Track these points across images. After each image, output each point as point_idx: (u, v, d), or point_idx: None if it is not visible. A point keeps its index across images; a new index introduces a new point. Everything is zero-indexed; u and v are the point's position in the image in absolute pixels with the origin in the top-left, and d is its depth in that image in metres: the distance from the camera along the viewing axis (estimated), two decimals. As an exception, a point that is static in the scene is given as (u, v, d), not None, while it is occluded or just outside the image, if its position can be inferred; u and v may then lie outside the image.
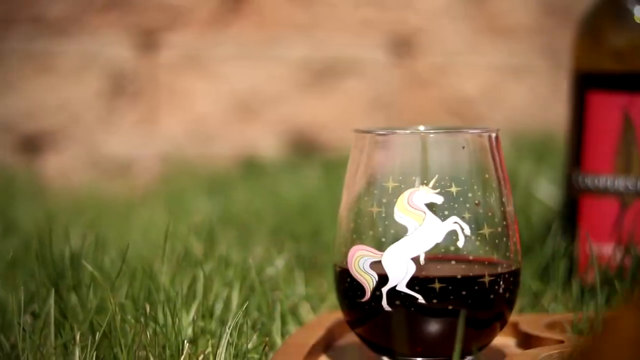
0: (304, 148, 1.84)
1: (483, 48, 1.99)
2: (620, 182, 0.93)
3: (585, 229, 0.93)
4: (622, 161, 0.93)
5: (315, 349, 0.73)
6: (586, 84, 0.95)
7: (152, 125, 1.81)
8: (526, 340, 0.76)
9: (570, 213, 0.96)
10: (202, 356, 0.71)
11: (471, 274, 0.67)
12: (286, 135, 1.87)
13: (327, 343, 0.76)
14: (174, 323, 0.69)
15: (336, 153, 1.75)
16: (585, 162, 0.94)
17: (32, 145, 1.75)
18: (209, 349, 0.72)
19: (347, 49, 1.90)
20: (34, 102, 1.76)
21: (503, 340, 0.77)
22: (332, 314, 0.80)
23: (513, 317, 0.80)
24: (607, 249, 0.92)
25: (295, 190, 1.45)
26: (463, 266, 0.67)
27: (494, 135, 0.71)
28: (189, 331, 0.75)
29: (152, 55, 1.81)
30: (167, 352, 0.68)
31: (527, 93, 2.00)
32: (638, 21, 0.95)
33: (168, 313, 0.71)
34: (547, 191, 1.24)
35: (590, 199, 0.94)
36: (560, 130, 1.16)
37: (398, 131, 0.70)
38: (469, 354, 0.69)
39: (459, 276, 0.67)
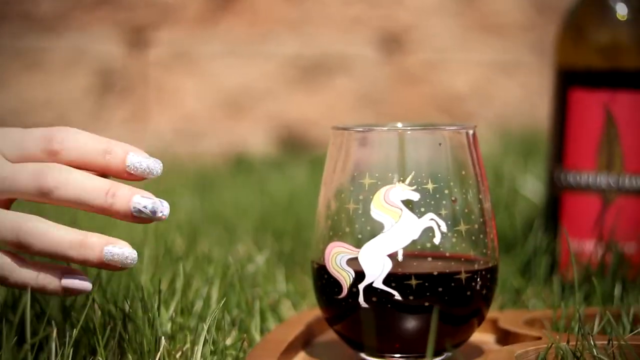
0: (293, 145, 1.85)
1: (473, 45, 1.99)
2: (602, 179, 0.93)
3: (567, 226, 0.93)
4: (604, 158, 0.93)
5: (293, 346, 0.73)
6: (568, 80, 0.95)
7: (141, 122, 1.81)
8: (505, 337, 0.76)
9: (552, 210, 0.96)
10: (180, 353, 0.71)
11: (447, 271, 0.67)
12: (275, 132, 1.87)
13: (306, 340, 0.76)
14: (151, 319, 0.69)
15: (325, 150, 1.74)
16: (568, 159, 0.95)
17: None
18: (187, 345, 0.72)
19: (337, 46, 1.90)
20: (22, 99, 1.76)
21: (482, 337, 0.77)
22: (312, 310, 0.80)
23: (493, 314, 0.80)
24: (589, 246, 0.92)
25: (282, 187, 1.45)
26: (439, 263, 0.68)
27: (471, 132, 0.71)
28: (168, 327, 0.75)
29: (142, 53, 1.81)
30: (145, 347, 0.68)
31: (517, 90, 2.00)
32: (620, 18, 0.95)
33: (147, 309, 0.71)
34: (533, 188, 1.24)
35: (573, 196, 0.94)
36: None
37: (375, 128, 0.71)
38: (447, 350, 0.69)
39: (435, 273, 0.67)
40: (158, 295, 0.73)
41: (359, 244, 0.68)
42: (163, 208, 0.64)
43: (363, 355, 0.70)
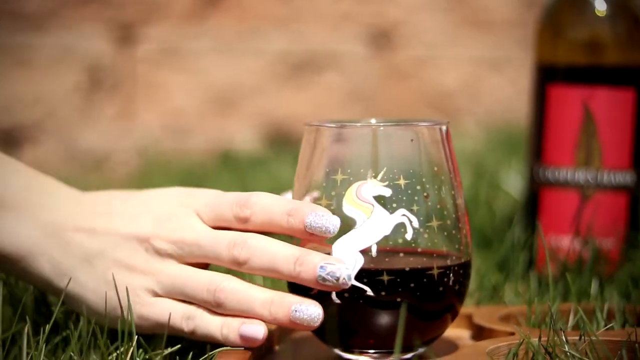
0: (281, 141, 1.85)
1: (463, 41, 1.99)
2: (581, 175, 0.93)
3: (546, 222, 0.93)
4: (582, 154, 0.93)
5: (268, 341, 0.73)
6: (547, 76, 0.95)
7: (129, 119, 1.81)
8: (480, 333, 0.76)
9: (531, 206, 0.96)
10: (153, 346, 0.71)
11: (419, 267, 0.67)
12: (263, 129, 1.87)
13: (280, 336, 0.76)
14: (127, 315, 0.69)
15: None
16: (546, 154, 0.95)
17: (10, 138, 1.75)
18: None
19: (326, 42, 1.90)
20: (11, 96, 1.76)
21: (457, 332, 0.78)
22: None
23: (468, 309, 0.80)
24: (567, 242, 0.92)
25: (269, 184, 1.45)
26: (412, 259, 0.68)
27: (444, 128, 0.71)
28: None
29: (130, 49, 1.81)
30: (118, 343, 0.68)
31: (507, 86, 2.00)
32: (599, 14, 0.95)
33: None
34: (515, 184, 1.24)
35: (551, 192, 0.94)
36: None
37: (348, 124, 0.71)
38: (420, 345, 0.69)
39: (407, 269, 0.67)
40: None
41: (331, 240, 0.68)
42: (344, 274, 0.66)
43: (337, 351, 0.71)
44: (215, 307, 0.68)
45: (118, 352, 0.67)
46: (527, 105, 0.97)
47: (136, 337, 0.68)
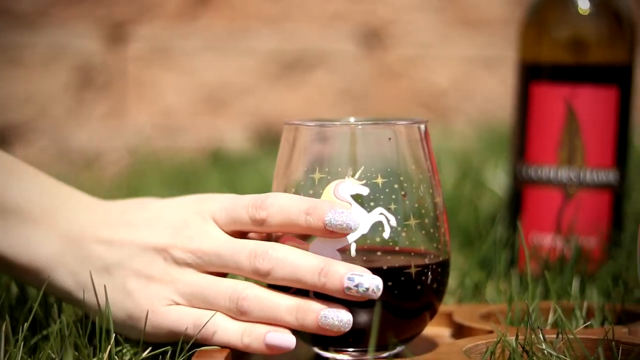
0: (272, 140, 1.85)
1: (454, 40, 1.99)
2: (564, 173, 0.94)
3: (529, 220, 0.94)
4: (565, 152, 0.94)
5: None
6: (531, 75, 0.96)
7: (120, 117, 1.81)
8: (459, 331, 0.76)
9: (514, 204, 0.96)
10: (129, 344, 0.71)
11: (397, 265, 0.68)
12: (254, 128, 1.87)
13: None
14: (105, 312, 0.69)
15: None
16: (529, 153, 0.95)
17: (1, 137, 1.75)
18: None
19: (317, 41, 1.90)
20: (1, 95, 1.76)
21: (438, 331, 0.78)
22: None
23: (449, 307, 0.81)
24: (550, 240, 0.92)
25: (259, 183, 1.45)
26: (389, 257, 0.68)
27: (422, 126, 0.71)
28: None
29: (121, 48, 1.82)
30: (96, 341, 0.68)
31: (499, 85, 2.00)
32: (582, 13, 0.95)
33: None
34: (502, 182, 1.24)
35: (534, 190, 0.94)
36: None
37: (326, 123, 0.71)
38: (397, 344, 0.69)
39: (384, 267, 0.67)
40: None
41: (308, 238, 0.68)
42: (374, 285, 0.65)
43: (316, 349, 0.71)
44: (239, 316, 0.67)
45: (99, 354, 0.67)
46: (516, 104, 0.97)
47: (114, 335, 0.68)
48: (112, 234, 0.70)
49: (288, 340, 0.67)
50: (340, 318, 0.66)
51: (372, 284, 0.65)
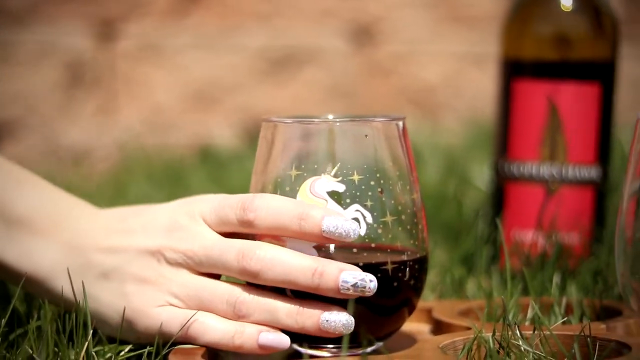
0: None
1: (444, 36, 1.99)
2: (546, 170, 0.94)
3: (511, 216, 0.94)
4: (547, 149, 0.94)
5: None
6: (513, 71, 0.96)
7: (109, 114, 1.81)
8: (439, 327, 0.76)
9: (497, 200, 0.96)
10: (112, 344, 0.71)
11: (373, 262, 0.68)
12: (244, 125, 1.87)
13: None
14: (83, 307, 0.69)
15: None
16: (512, 149, 0.95)
17: (-10, 135, 1.75)
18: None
19: (307, 38, 1.90)
20: (-9, 92, 1.76)
21: (417, 327, 0.78)
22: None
23: (429, 304, 0.81)
24: (532, 236, 0.92)
25: (248, 180, 1.45)
26: (365, 254, 0.68)
27: (400, 123, 0.71)
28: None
29: (111, 45, 1.81)
30: (74, 339, 0.68)
31: (489, 81, 2.00)
32: (565, 9, 0.95)
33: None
34: (486, 179, 1.24)
35: (516, 186, 0.95)
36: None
37: (304, 120, 0.71)
38: (377, 340, 0.69)
39: (360, 264, 0.67)
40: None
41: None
42: (370, 284, 0.65)
43: (295, 346, 0.71)
44: (237, 319, 0.67)
45: (76, 349, 0.67)
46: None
47: (91, 331, 0.68)
48: (111, 241, 0.71)
49: (282, 340, 0.67)
50: (344, 321, 0.66)
51: (368, 282, 0.65)
